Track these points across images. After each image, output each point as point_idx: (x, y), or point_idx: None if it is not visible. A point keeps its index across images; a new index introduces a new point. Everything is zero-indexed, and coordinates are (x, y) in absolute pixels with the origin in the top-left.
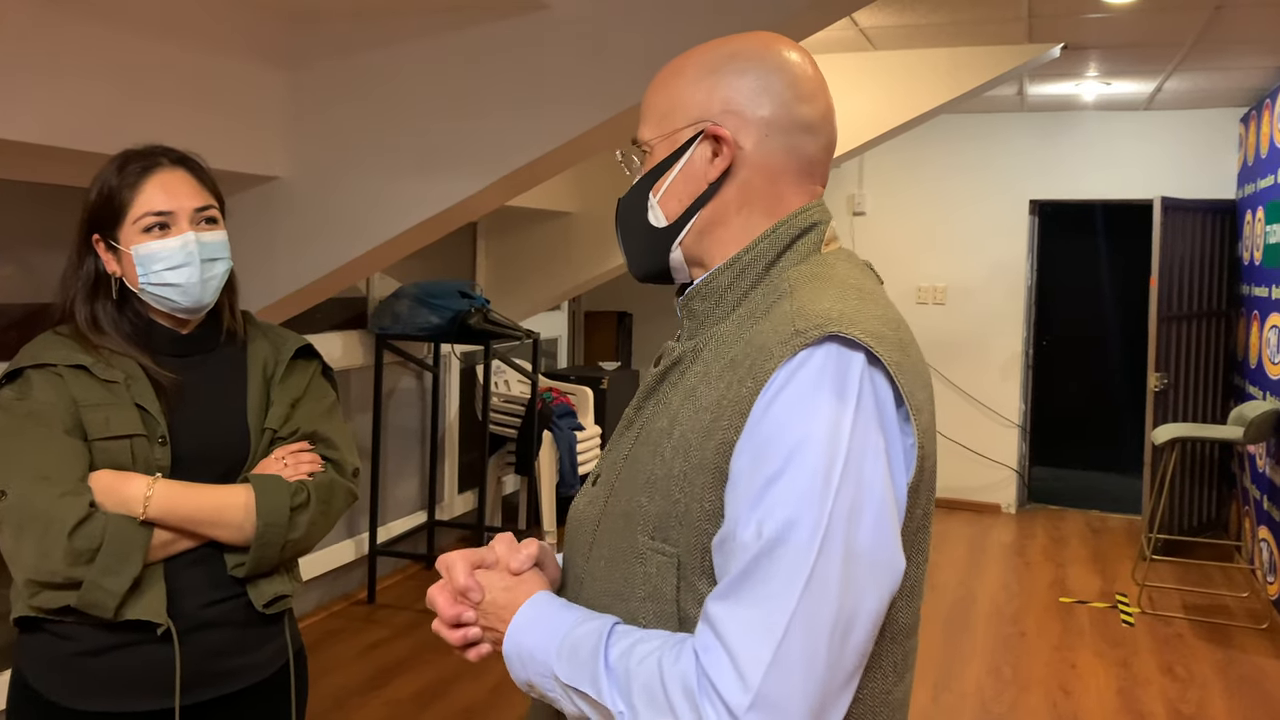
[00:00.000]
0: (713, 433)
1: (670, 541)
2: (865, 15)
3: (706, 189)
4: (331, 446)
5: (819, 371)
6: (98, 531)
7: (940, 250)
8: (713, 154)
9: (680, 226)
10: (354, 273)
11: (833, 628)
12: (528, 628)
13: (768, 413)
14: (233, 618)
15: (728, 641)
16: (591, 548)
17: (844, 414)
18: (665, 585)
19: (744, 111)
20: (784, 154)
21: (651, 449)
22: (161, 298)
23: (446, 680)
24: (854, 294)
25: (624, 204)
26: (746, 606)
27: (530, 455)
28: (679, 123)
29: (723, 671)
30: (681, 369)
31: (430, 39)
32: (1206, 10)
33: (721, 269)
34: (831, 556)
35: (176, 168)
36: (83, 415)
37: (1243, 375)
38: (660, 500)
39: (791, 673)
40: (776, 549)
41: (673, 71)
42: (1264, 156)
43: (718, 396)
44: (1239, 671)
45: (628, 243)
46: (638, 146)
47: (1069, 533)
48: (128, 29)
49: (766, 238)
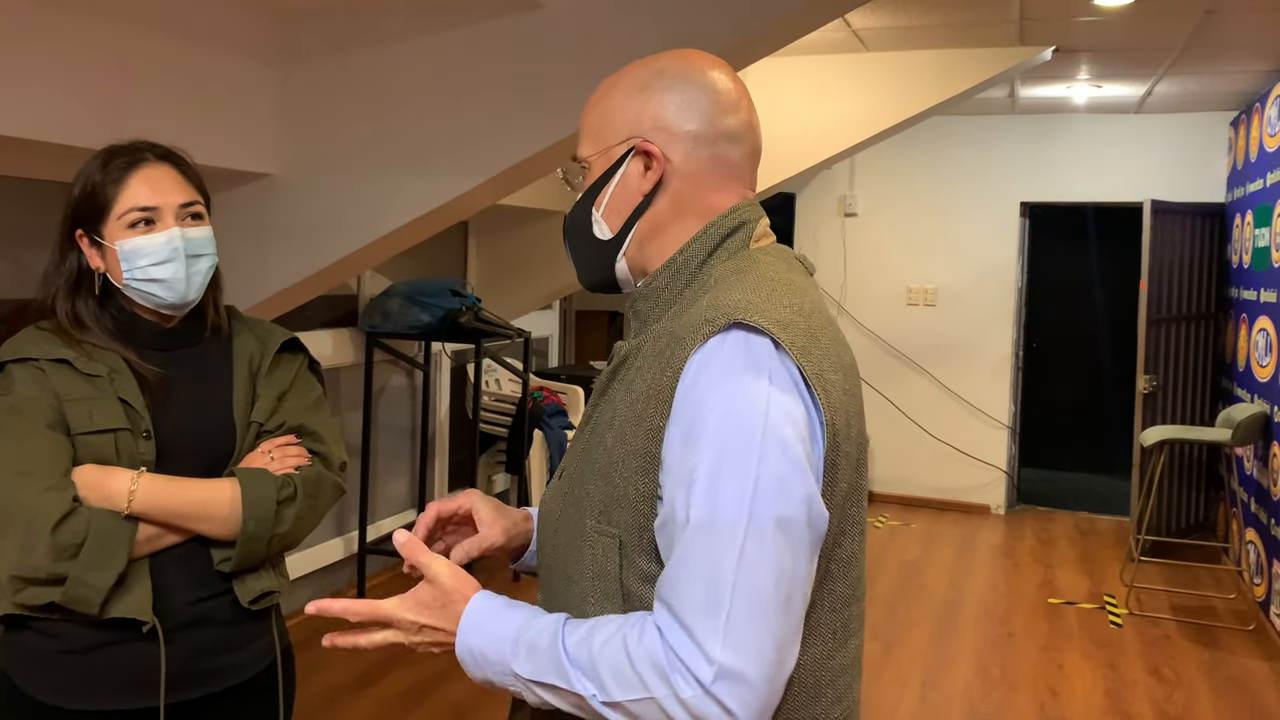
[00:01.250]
0: (642, 419)
1: (613, 523)
2: (857, 17)
3: (642, 200)
4: (318, 440)
5: (730, 355)
6: (81, 526)
7: (931, 252)
8: (645, 168)
9: (623, 238)
10: (345, 270)
11: (774, 593)
12: (476, 636)
13: (688, 396)
14: (219, 615)
15: (683, 618)
16: (554, 537)
17: (757, 388)
18: (609, 564)
19: (671, 126)
20: (710, 163)
21: (598, 440)
22: (146, 294)
23: (435, 678)
24: (767, 285)
25: (570, 219)
26: (691, 584)
27: (521, 454)
28: (612, 139)
29: (685, 647)
30: (627, 366)
31: (423, 37)
32: (1197, 15)
33: (660, 270)
34: (761, 526)
35: (161, 163)
36: (65, 410)
37: (1231, 378)
38: (604, 486)
39: (744, 641)
40: (708, 525)
41: (605, 90)
42: (1253, 160)
43: (646, 386)
44: (1226, 673)
45: (576, 255)
46: (577, 163)
47: (1057, 534)
48: (118, 24)
49: (698, 239)
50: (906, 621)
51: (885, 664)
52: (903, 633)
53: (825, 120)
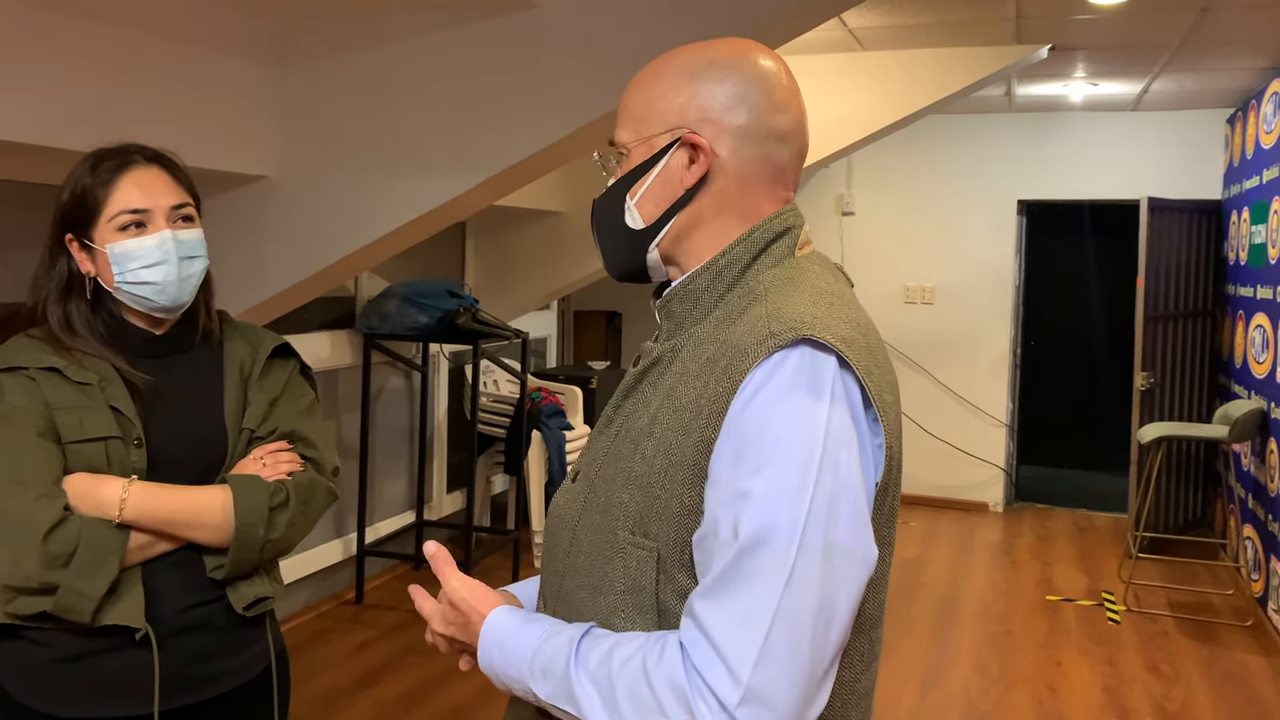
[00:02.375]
0: (691, 430)
1: (650, 536)
2: (854, 16)
3: (683, 195)
4: (311, 446)
5: (794, 372)
6: (73, 535)
7: (928, 250)
8: (689, 161)
9: (657, 229)
10: (342, 272)
11: (815, 620)
12: (497, 654)
13: (745, 412)
14: (213, 621)
15: (714, 638)
16: (572, 543)
17: (819, 410)
18: (644, 578)
19: (720, 120)
20: (758, 162)
21: (632, 446)
22: (138, 297)
23: (434, 681)
24: (826, 298)
25: (601, 205)
26: (731, 603)
27: (519, 455)
28: (656, 128)
29: (712, 667)
30: (661, 369)
31: (419, 38)
32: (1193, 12)
33: (699, 272)
34: (811, 551)
35: (151, 165)
36: (56, 418)
37: (1228, 374)
38: (641, 496)
39: (778, 666)
40: (757, 546)
41: (651, 75)
42: (1249, 157)
43: (696, 395)
44: (1223, 669)
45: (605, 242)
46: (615, 148)
47: (1056, 531)
48: (113, 25)
49: (742, 242)
50: (906, 619)
51: (885, 662)
52: (902, 631)
53: (822, 119)
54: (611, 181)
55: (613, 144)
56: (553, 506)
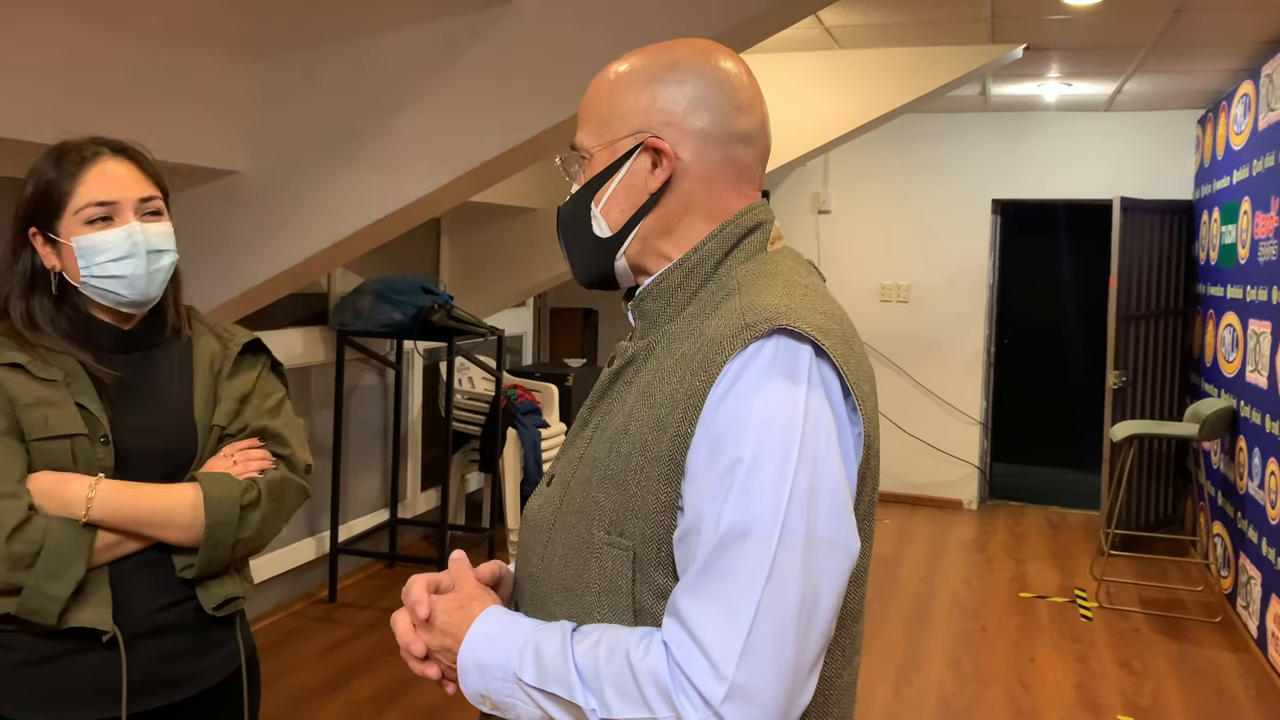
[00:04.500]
0: (666, 426)
1: (626, 535)
2: (830, 14)
3: (648, 199)
4: (282, 443)
5: (770, 362)
6: (37, 535)
7: (904, 249)
8: (652, 165)
9: (624, 236)
10: (315, 268)
11: (798, 613)
12: (484, 642)
13: (722, 404)
14: (182, 622)
15: (698, 634)
16: (547, 546)
17: (796, 398)
18: (620, 578)
19: (682, 123)
20: (722, 163)
21: (608, 446)
22: (105, 291)
23: (407, 681)
24: (799, 290)
25: (566, 212)
26: (713, 599)
27: (494, 453)
28: (618, 132)
29: (695, 664)
30: (635, 368)
31: (394, 33)
32: (1165, 14)
33: (671, 269)
34: (792, 543)
35: (119, 158)
36: (20, 415)
37: (1199, 373)
38: (617, 495)
39: (763, 660)
40: (738, 538)
41: (612, 78)
42: (1220, 158)
43: (671, 390)
44: (1193, 665)
45: (572, 251)
46: (577, 152)
47: (1029, 528)
48: (80, 15)
49: (714, 238)
50: (880, 616)
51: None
52: (877, 628)
53: (798, 117)
54: (575, 188)
55: (574, 148)
56: (527, 510)
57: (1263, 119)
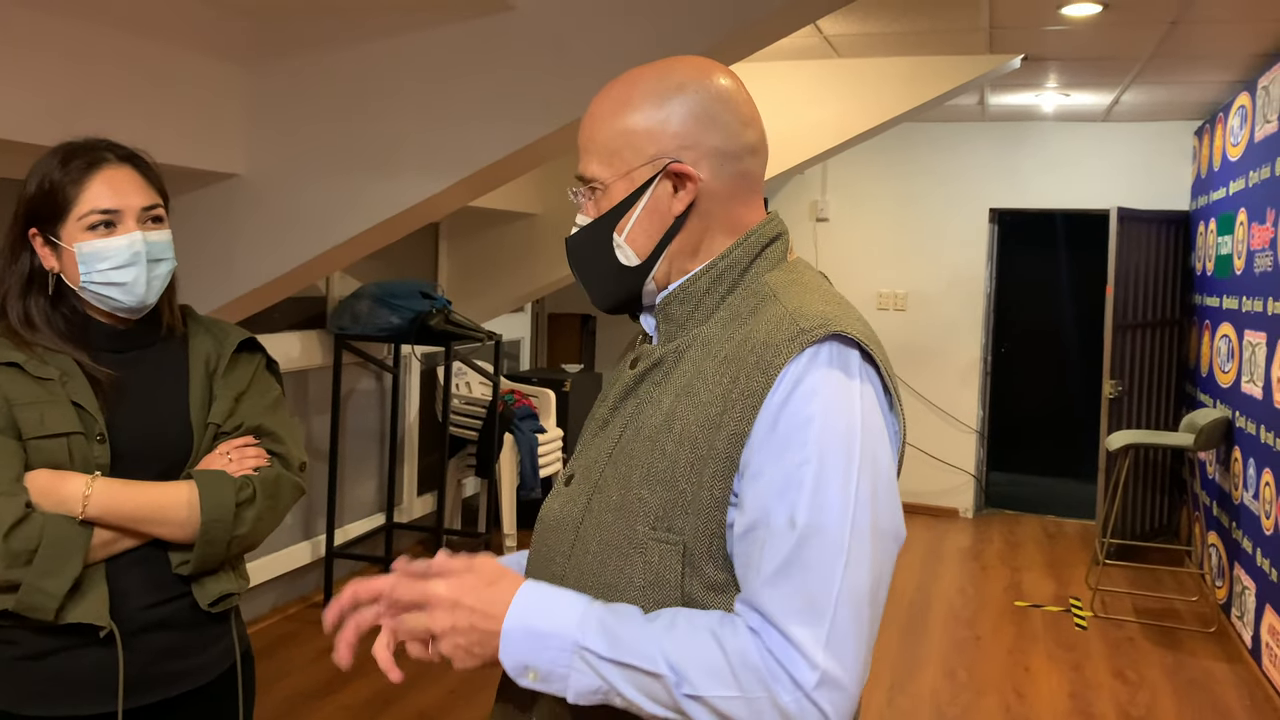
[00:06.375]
0: (721, 425)
1: (675, 530)
2: (829, 23)
3: (674, 223)
4: (277, 441)
5: (827, 365)
6: (35, 532)
7: (901, 257)
8: (674, 188)
9: (652, 262)
10: (313, 272)
11: (870, 599)
12: (537, 611)
13: (785, 407)
14: (178, 618)
15: (785, 625)
16: (575, 545)
17: (854, 401)
18: (669, 572)
19: (698, 143)
20: (736, 178)
21: (649, 444)
22: (104, 297)
23: (402, 685)
24: (834, 299)
25: (581, 242)
26: (796, 592)
27: (491, 457)
28: (633, 161)
29: (787, 652)
30: (664, 370)
31: (394, 38)
32: (1163, 25)
33: (699, 274)
34: (861, 534)
35: (123, 165)
36: (16, 414)
37: (1194, 383)
38: (663, 491)
39: (845, 647)
40: (815, 533)
41: (615, 105)
42: (1216, 169)
43: (722, 391)
44: (1187, 675)
45: (592, 279)
46: (587, 184)
47: (1025, 537)
48: (83, 19)
49: (739, 246)
50: None
51: None
52: None
53: (797, 126)
54: (587, 220)
55: (584, 180)
56: (545, 511)
57: (1259, 131)
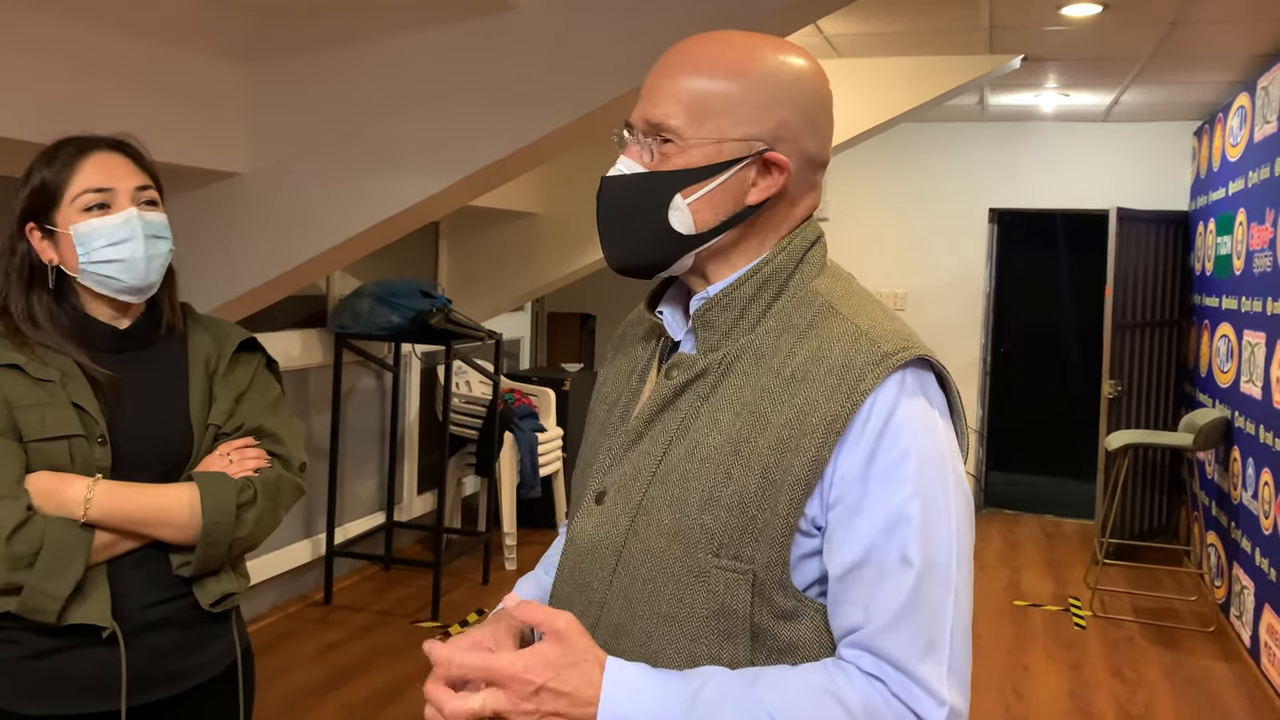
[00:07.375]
0: (799, 450)
1: (744, 559)
2: (830, 23)
3: (744, 210)
4: (278, 441)
5: (915, 392)
6: (37, 535)
7: (901, 257)
8: (756, 177)
9: (709, 238)
10: (314, 270)
11: (969, 623)
12: (629, 698)
13: (882, 439)
14: (179, 618)
15: (909, 667)
16: (617, 571)
17: (941, 428)
18: (736, 601)
19: (795, 140)
20: (808, 187)
21: (709, 466)
22: (104, 278)
23: (402, 682)
24: (891, 312)
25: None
26: (920, 631)
27: (491, 456)
28: (729, 132)
29: (912, 694)
30: (709, 381)
31: (396, 37)
32: (1162, 26)
33: (742, 279)
34: (963, 563)
35: (114, 151)
36: (17, 416)
37: (1194, 383)
38: (728, 518)
39: (961, 676)
40: (930, 570)
41: (731, 67)
42: (1216, 170)
43: (795, 414)
44: (1186, 674)
45: (623, 231)
46: (660, 131)
47: (1024, 537)
48: (83, 18)
49: (783, 250)
50: None
51: None
52: None
53: None
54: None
55: (655, 125)
56: (576, 532)
57: (1259, 131)
